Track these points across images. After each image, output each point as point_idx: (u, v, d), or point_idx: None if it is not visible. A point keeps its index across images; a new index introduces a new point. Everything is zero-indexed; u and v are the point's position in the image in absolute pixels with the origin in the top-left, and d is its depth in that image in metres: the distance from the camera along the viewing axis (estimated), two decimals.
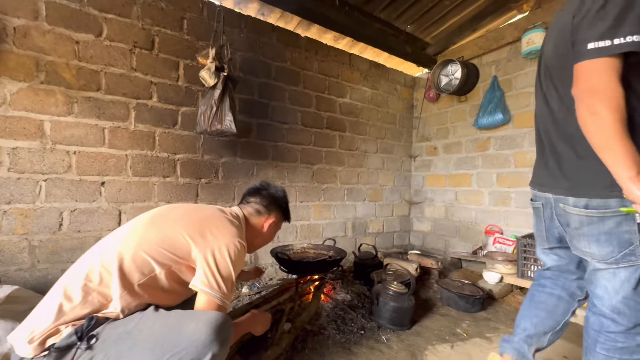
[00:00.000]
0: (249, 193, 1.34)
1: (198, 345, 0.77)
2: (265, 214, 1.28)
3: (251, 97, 2.50)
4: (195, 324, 0.80)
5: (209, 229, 1.03)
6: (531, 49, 2.48)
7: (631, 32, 0.75)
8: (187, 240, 0.99)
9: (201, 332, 0.78)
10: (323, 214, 2.91)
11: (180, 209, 1.14)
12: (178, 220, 1.06)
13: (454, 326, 1.84)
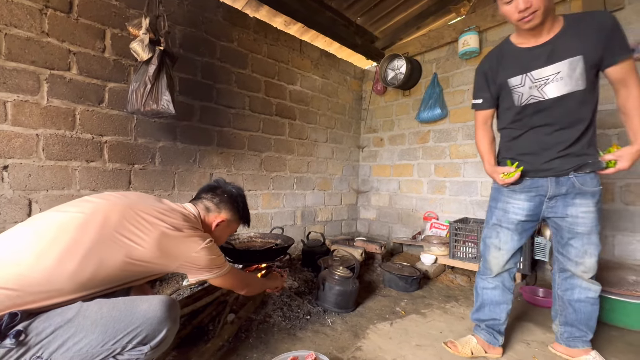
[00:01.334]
0: (203, 190, 1.27)
1: (153, 322, 0.80)
2: (215, 212, 1.21)
3: (193, 77, 2.31)
4: (148, 305, 0.82)
5: (175, 242, 0.96)
6: (466, 50, 2.70)
7: (475, 96, 1.42)
8: (159, 265, 0.95)
9: (156, 309, 0.81)
10: (272, 203, 2.86)
11: (142, 214, 0.94)
12: (146, 231, 0.92)
13: (394, 305, 1.96)
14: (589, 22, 1.11)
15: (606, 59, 1.10)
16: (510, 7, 1.08)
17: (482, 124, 1.39)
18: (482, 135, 1.39)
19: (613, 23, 1.09)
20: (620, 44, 1.08)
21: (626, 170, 1.15)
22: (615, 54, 1.09)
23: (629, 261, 2.01)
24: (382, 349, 1.44)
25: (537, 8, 1.05)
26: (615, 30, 1.08)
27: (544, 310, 1.88)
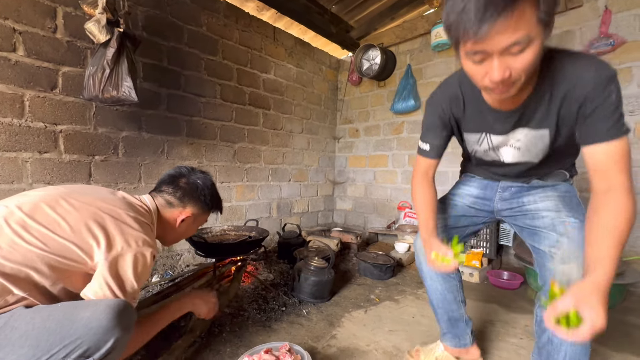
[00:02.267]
0: (164, 180, 1.12)
1: (98, 332, 0.69)
2: (179, 207, 1.09)
3: (159, 63, 2.18)
4: (92, 312, 0.71)
5: (111, 231, 0.85)
6: (438, 42, 2.74)
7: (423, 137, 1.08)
8: (80, 249, 0.81)
9: (101, 318, 0.70)
10: (246, 195, 2.79)
11: (72, 201, 0.88)
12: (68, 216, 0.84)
13: (368, 293, 2.00)
14: (569, 84, 0.76)
15: (581, 137, 0.78)
16: (478, 69, 0.69)
17: (423, 174, 1.08)
18: (422, 190, 1.07)
19: (602, 88, 0.72)
20: (606, 119, 0.72)
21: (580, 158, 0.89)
22: (594, 133, 0.74)
23: None
24: (356, 336, 1.47)
25: (517, 78, 0.68)
26: (605, 97, 0.72)
27: (508, 292, 2.00)
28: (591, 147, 0.75)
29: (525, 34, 0.60)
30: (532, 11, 0.59)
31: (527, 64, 0.65)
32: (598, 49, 2.08)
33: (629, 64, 2.04)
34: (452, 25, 0.65)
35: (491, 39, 0.60)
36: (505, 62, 0.64)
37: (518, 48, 0.62)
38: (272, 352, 1.10)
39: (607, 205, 0.72)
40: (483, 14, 0.58)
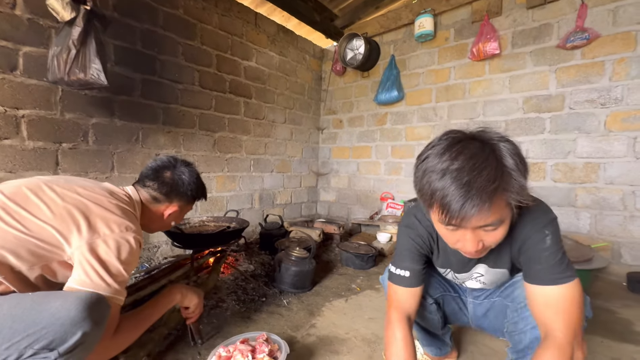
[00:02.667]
0: (147, 174, 1.08)
1: (65, 323, 0.64)
2: (165, 202, 1.08)
3: (132, 46, 2.07)
4: (62, 302, 0.66)
5: (92, 217, 0.82)
6: (421, 32, 2.74)
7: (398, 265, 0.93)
8: (59, 233, 0.78)
9: (69, 308, 0.66)
10: (227, 185, 2.73)
11: (54, 187, 0.86)
12: (49, 201, 0.82)
13: (350, 282, 2.01)
14: (522, 235, 0.78)
15: (525, 276, 0.79)
16: (451, 235, 0.72)
17: (401, 313, 0.89)
18: (398, 333, 0.85)
19: (536, 231, 0.76)
20: (545, 263, 0.74)
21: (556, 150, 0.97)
22: (534, 275, 0.76)
23: None
24: (335, 325, 1.47)
25: (488, 247, 0.73)
26: (539, 240, 0.75)
27: None
28: (536, 287, 0.75)
29: (498, 219, 0.66)
30: (504, 200, 0.65)
31: (498, 239, 0.71)
32: (574, 43, 2.13)
33: (601, 57, 2.10)
34: (428, 202, 0.68)
35: (467, 222, 0.65)
36: (478, 235, 0.69)
37: (491, 228, 0.68)
38: (248, 342, 1.09)
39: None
40: (462, 205, 0.61)
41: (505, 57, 2.47)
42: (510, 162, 0.64)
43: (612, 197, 2.11)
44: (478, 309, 1.04)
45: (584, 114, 2.18)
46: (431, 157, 0.67)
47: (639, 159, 2.02)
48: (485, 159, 0.63)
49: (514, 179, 0.63)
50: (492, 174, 0.61)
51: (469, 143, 0.66)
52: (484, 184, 0.60)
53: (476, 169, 0.61)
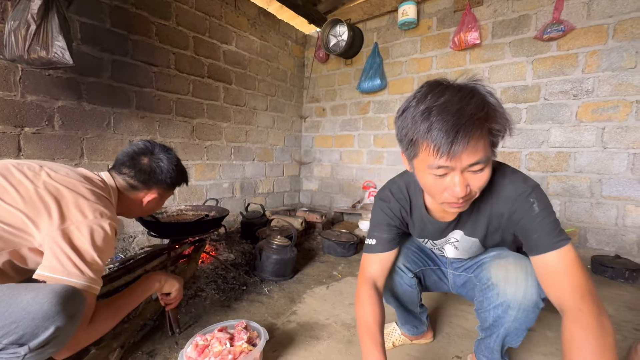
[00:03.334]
0: (123, 161, 1.02)
1: (36, 317, 0.61)
2: (144, 190, 1.03)
3: (100, 23, 1.93)
4: (34, 295, 0.63)
5: (65, 201, 0.78)
6: (405, 19, 2.72)
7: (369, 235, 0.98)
8: (28, 218, 0.73)
9: (42, 302, 0.62)
10: (206, 174, 2.66)
11: (25, 170, 0.82)
12: (19, 185, 0.77)
13: (331, 270, 2.02)
14: (495, 202, 0.80)
15: (527, 249, 0.78)
16: (439, 183, 0.70)
17: (369, 280, 0.92)
18: (365, 307, 0.87)
19: (522, 201, 0.75)
20: (540, 230, 0.73)
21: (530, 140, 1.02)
22: (535, 245, 0.74)
23: None
24: (316, 311, 1.48)
25: (474, 194, 0.72)
26: (527, 209, 0.75)
27: None
28: (538, 257, 0.74)
29: (486, 155, 0.66)
30: (487, 137, 0.66)
31: (484, 182, 0.70)
32: (550, 34, 2.18)
33: (575, 50, 2.16)
34: (414, 142, 0.68)
35: (459, 158, 0.64)
36: (465, 179, 0.68)
37: (479, 167, 0.67)
38: (226, 330, 1.07)
39: (586, 342, 0.62)
40: (455, 136, 0.60)
41: (485, 47, 2.50)
42: (492, 98, 0.66)
43: (581, 185, 2.21)
44: (457, 280, 1.09)
45: (557, 104, 2.25)
46: (413, 104, 0.68)
47: (606, 148, 2.12)
48: (470, 91, 0.64)
49: (499, 111, 0.65)
50: (479, 103, 0.62)
51: (450, 85, 0.67)
52: (474, 111, 0.61)
53: (464, 99, 0.62)
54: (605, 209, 2.14)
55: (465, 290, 1.08)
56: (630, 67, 2.01)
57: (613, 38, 2.05)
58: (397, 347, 1.23)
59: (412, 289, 1.07)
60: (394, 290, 1.08)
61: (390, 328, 1.27)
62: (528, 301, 0.83)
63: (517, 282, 0.84)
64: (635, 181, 2.04)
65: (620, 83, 2.05)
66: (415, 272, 1.07)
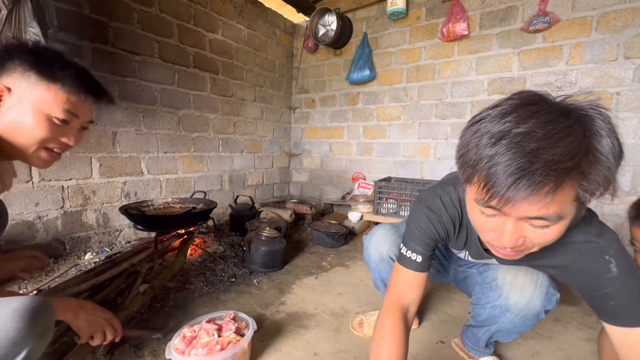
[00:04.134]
0: None
1: (5, 345, 0.54)
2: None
3: (78, 9, 1.85)
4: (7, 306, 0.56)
5: None
6: (394, 9, 2.70)
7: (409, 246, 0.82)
8: None
9: (8, 328, 0.55)
10: (194, 166, 2.62)
11: None
12: None
13: (320, 261, 2.04)
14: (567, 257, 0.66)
15: (603, 316, 0.64)
16: (486, 221, 0.57)
17: (399, 304, 0.79)
18: (390, 336, 0.73)
19: (598, 275, 0.61)
20: (627, 307, 0.60)
21: None
22: (620, 316, 0.60)
23: None
24: (305, 301, 1.50)
25: (529, 248, 0.58)
26: (610, 282, 0.60)
27: None
28: (617, 329, 0.60)
29: (557, 213, 0.49)
30: (572, 189, 0.48)
31: (548, 240, 0.54)
32: (536, 26, 2.20)
33: (560, 42, 2.19)
34: (468, 170, 0.53)
35: (514, 207, 0.49)
36: (521, 229, 0.53)
37: (543, 223, 0.51)
38: (215, 322, 1.07)
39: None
40: (516, 180, 0.45)
41: (473, 38, 2.51)
42: (604, 141, 0.46)
43: None
44: (458, 275, 1.11)
45: None
46: (488, 119, 0.51)
47: None
48: (567, 128, 0.45)
49: (601, 165, 0.46)
50: (573, 148, 0.44)
51: (548, 107, 0.49)
52: (558, 158, 0.44)
53: (551, 137, 0.44)
54: None
55: (465, 285, 1.09)
56: (612, 60, 2.05)
57: (596, 30, 2.09)
58: None
59: None
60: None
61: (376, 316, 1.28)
62: (530, 310, 0.81)
63: (523, 290, 0.80)
64: None
65: (602, 75, 2.09)
66: None
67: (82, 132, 0.82)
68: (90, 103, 0.80)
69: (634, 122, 2.02)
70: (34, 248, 1.75)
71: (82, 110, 0.78)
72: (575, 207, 0.51)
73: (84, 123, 0.81)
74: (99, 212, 2.03)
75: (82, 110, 0.77)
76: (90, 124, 0.84)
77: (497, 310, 0.87)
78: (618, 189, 0.50)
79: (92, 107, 0.81)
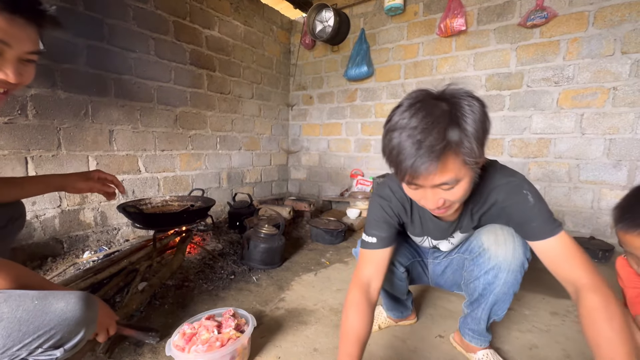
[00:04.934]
0: None
1: (71, 323, 0.68)
2: None
3: (72, 6, 1.83)
4: (65, 303, 0.69)
5: None
6: (391, 5, 2.69)
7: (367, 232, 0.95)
8: None
9: (74, 309, 0.69)
10: (192, 164, 2.61)
11: None
12: None
13: (319, 257, 2.04)
14: (489, 195, 0.83)
15: (527, 237, 0.82)
16: (415, 193, 0.74)
17: (364, 282, 0.90)
18: (355, 309, 0.86)
19: (515, 194, 0.79)
20: (537, 219, 0.77)
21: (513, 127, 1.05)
22: (535, 233, 0.78)
23: None
24: (304, 297, 1.50)
25: (450, 205, 0.75)
26: (522, 201, 0.78)
27: None
28: (540, 243, 0.77)
29: (452, 177, 0.67)
30: (457, 159, 0.65)
31: (458, 197, 0.72)
32: (534, 21, 2.19)
33: (557, 37, 2.19)
34: (389, 160, 0.70)
35: (423, 179, 0.67)
36: (437, 194, 0.71)
37: (447, 187, 0.69)
38: (214, 319, 1.08)
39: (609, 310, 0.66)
40: (413, 163, 0.64)
41: (470, 33, 2.50)
42: (468, 121, 0.64)
43: (560, 170, 2.29)
44: (437, 268, 1.13)
45: (539, 91, 2.30)
46: (395, 117, 0.68)
47: (584, 134, 2.18)
48: (438, 117, 0.63)
49: (469, 136, 0.63)
50: (441, 134, 0.62)
51: (430, 101, 0.66)
52: (432, 143, 0.61)
53: (427, 128, 0.62)
54: (582, 193, 2.23)
55: (445, 277, 1.12)
56: (609, 54, 2.06)
57: (593, 25, 2.09)
58: (383, 329, 1.26)
59: (402, 282, 1.11)
60: (386, 285, 1.11)
61: (377, 312, 1.30)
62: (517, 260, 0.89)
63: (506, 244, 0.89)
64: (610, 165, 2.12)
65: (599, 70, 2.10)
66: (406, 265, 1.10)
67: (29, 67, 0.66)
68: (26, 27, 0.61)
69: (631, 117, 2.03)
70: (32, 247, 1.75)
71: (14, 37, 0.59)
72: (470, 167, 0.68)
73: (22, 54, 0.62)
74: (96, 210, 2.02)
75: (14, 36, 0.59)
76: (36, 55, 0.66)
77: (491, 275, 0.92)
78: (481, 152, 0.67)
79: (31, 32, 0.62)
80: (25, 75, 0.66)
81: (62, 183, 1.02)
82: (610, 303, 0.67)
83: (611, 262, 1.95)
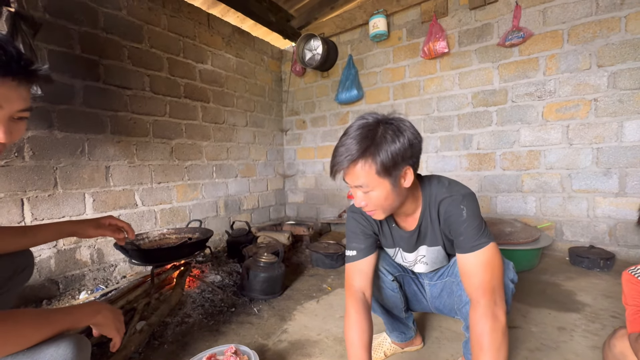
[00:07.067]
0: None
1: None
2: None
3: (69, 50, 1.90)
4: (55, 348, 0.64)
5: None
6: (376, 32, 2.82)
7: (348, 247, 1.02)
8: None
9: (66, 355, 0.64)
10: (189, 194, 2.61)
11: None
12: None
13: (321, 283, 2.01)
14: (438, 206, 0.90)
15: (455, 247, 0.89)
16: (352, 191, 0.87)
17: (355, 291, 0.94)
18: (355, 317, 0.90)
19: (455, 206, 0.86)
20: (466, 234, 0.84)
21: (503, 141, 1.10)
22: (460, 245, 0.86)
23: (506, 217, 2.43)
24: (307, 327, 1.47)
25: (372, 209, 0.86)
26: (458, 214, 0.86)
27: None
28: (460, 256, 0.86)
29: (365, 183, 0.80)
30: (369, 168, 0.78)
31: (374, 202, 0.84)
32: (512, 41, 2.31)
33: (536, 54, 2.30)
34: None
35: (347, 177, 0.82)
36: (360, 196, 0.84)
37: (363, 189, 0.82)
38: (215, 357, 1.05)
39: (480, 327, 0.77)
40: (335, 158, 0.81)
41: (453, 55, 2.61)
42: (388, 136, 0.78)
43: (552, 181, 2.32)
44: (434, 290, 1.12)
45: (524, 106, 2.38)
46: (346, 132, 0.84)
47: (572, 145, 2.24)
48: (356, 135, 0.79)
49: (383, 150, 0.77)
50: (354, 147, 0.77)
51: (367, 123, 0.81)
52: (348, 154, 0.78)
53: (351, 144, 0.78)
54: (576, 202, 2.25)
55: (442, 301, 1.10)
56: (586, 68, 2.15)
57: (568, 42, 2.20)
58: (389, 357, 1.23)
59: (395, 292, 1.10)
60: (377, 294, 1.11)
61: (381, 338, 1.28)
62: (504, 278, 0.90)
63: None
64: (601, 174, 2.16)
65: (578, 83, 2.19)
66: (395, 275, 1.11)
67: (20, 124, 0.66)
68: (17, 87, 0.60)
69: (614, 126, 2.10)
70: (26, 290, 1.71)
71: (5, 98, 0.60)
72: (386, 180, 0.80)
73: (13, 113, 0.62)
74: (93, 248, 2.00)
75: (5, 97, 0.59)
76: (27, 112, 0.65)
77: None
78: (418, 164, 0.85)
79: (22, 91, 0.62)
80: (15, 134, 0.66)
81: (74, 229, 1.02)
82: (482, 321, 0.77)
83: (613, 270, 1.95)
